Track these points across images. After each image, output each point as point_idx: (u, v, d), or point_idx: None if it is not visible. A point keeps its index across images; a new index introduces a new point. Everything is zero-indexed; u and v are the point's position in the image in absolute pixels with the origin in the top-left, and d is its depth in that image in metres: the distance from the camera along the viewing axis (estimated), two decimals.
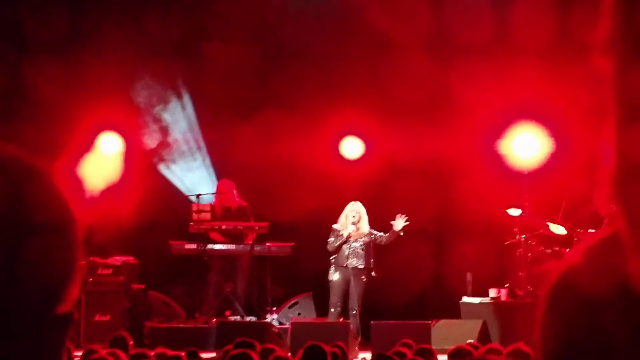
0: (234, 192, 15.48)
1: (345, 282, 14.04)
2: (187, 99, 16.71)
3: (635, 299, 1.25)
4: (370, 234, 14.20)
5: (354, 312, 13.94)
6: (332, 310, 14.08)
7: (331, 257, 14.21)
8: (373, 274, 14.17)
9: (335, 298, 14.07)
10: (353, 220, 14.13)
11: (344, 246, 14.11)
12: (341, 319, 13.95)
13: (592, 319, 1.29)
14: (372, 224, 14.86)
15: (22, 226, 1.30)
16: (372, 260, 14.14)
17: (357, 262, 14.04)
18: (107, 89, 15.60)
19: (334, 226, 14.27)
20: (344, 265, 14.04)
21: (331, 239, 14.18)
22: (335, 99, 15.80)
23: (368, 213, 14.39)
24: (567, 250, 13.96)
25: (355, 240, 14.09)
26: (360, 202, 14.44)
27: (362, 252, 14.08)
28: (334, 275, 14.08)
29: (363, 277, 14.05)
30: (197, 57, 16.13)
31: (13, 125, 14.37)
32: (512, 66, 14.90)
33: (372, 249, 14.14)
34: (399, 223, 14.07)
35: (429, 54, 15.55)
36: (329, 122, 15.78)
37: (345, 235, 14.07)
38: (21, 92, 15.51)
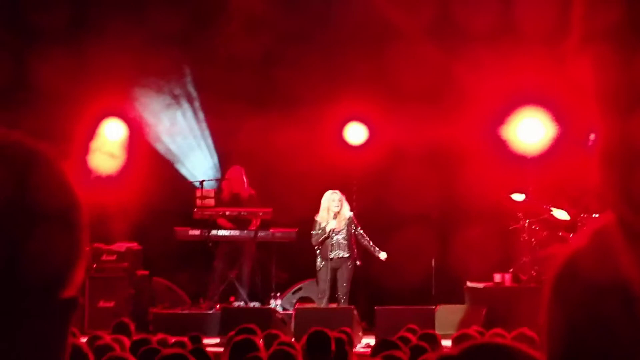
0: (244, 179, 15.46)
1: (332, 270, 14.02)
2: (191, 86, 16.69)
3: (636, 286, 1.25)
4: (351, 222, 14.13)
5: (342, 298, 13.91)
6: (321, 297, 14.06)
7: (315, 248, 14.14)
8: (358, 263, 14.11)
9: (323, 285, 14.05)
10: (335, 210, 14.05)
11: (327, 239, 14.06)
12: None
13: (596, 305, 1.29)
14: (377, 209, 14.83)
15: (27, 211, 1.30)
16: (356, 250, 14.10)
17: (341, 253, 14.01)
18: (111, 76, 15.59)
19: (316, 218, 14.18)
20: (329, 257, 13.99)
21: (314, 232, 14.12)
22: (340, 85, 15.78)
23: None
24: (571, 235, 13.96)
25: (338, 233, 14.03)
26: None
27: (345, 243, 14.04)
28: (321, 264, 14.05)
29: (349, 264, 14.01)
30: (201, 45, 16.10)
31: (17, 112, 14.37)
32: (515, 52, 14.86)
33: (354, 237, 14.09)
34: (383, 255, 14.05)
35: (432, 40, 15.51)
36: (333, 109, 15.75)
37: (328, 230, 14.02)
38: (25, 80, 15.50)
